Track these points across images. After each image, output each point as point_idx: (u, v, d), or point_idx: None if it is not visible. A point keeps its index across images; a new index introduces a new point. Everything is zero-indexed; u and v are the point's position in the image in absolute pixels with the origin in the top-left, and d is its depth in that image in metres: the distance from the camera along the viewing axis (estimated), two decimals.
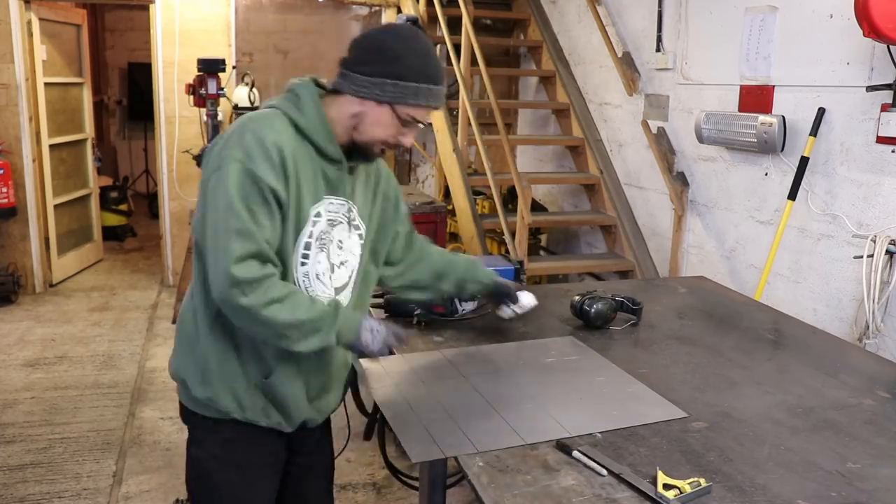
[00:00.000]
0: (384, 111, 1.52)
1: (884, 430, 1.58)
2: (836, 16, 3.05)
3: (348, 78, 1.53)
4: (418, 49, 1.53)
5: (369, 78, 1.50)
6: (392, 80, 1.50)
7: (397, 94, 1.50)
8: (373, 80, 1.50)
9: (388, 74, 1.49)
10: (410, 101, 1.52)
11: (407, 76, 1.50)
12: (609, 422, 1.57)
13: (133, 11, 7.96)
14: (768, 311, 2.48)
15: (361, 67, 1.51)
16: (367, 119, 1.53)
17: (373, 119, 1.53)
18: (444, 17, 5.09)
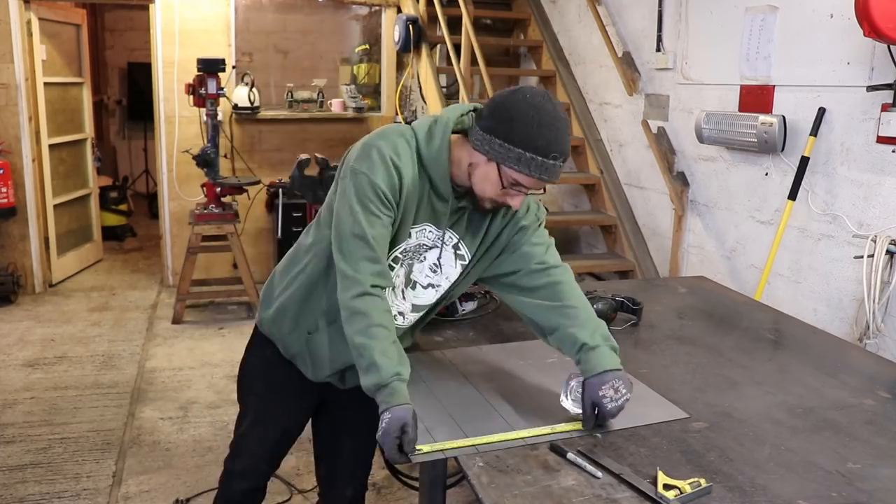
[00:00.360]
0: (491, 168, 1.57)
1: (884, 431, 1.58)
2: (837, 15, 3.05)
3: (473, 129, 1.60)
4: (535, 117, 1.53)
5: (484, 133, 1.56)
6: (499, 140, 1.54)
7: (502, 155, 1.54)
8: (486, 137, 1.56)
9: (498, 134, 1.54)
10: (513, 166, 1.54)
11: (513, 140, 1.53)
12: (609, 422, 1.56)
13: (133, 11, 7.96)
14: (768, 311, 2.48)
15: (482, 122, 1.58)
16: (477, 171, 1.60)
17: (482, 173, 1.59)
18: (444, 16, 5.09)
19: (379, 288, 1.58)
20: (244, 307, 5.22)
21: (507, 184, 1.57)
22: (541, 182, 1.57)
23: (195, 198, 5.40)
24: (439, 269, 1.72)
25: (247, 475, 2.02)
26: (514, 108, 1.53)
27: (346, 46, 6.56)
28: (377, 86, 6.25)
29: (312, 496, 2.87)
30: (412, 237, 1.67)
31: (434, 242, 1.69)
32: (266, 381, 1.94)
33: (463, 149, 1.62)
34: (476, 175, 1.60)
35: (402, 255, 1.68)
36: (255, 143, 5.80)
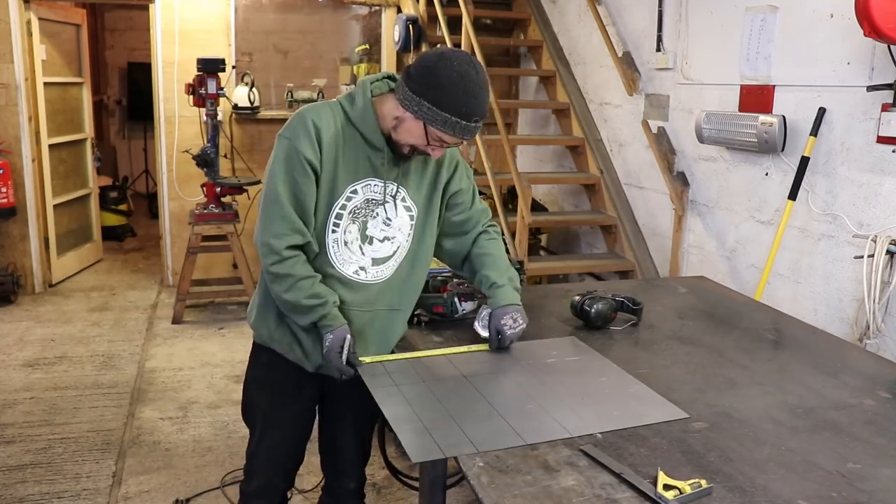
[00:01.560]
0: (418, 125, 1.74)
1: (884, 431, 1.58)
2: (837, 15, 3.05)
3: (400, 86, 1.74)
4: (462, 85, 1.69)
5: (412, 94, 1.71)
6: (428, 104, 1.69)
7: (430, 117, 1.71)
8: (415, 98, 1.70)
9: (427, 97, 1.69)
10: (440, 127, 1.71)
11: (442, 105, 1.69)
12: (610, 422, 1.56)
13: (133, 11, 7.96)
14: (768, 311, 2.47)
15: (410, 82, 1.71)
16: (403, 125, 1.76)
17: (407, 127, 1.76)
18: (444, 16, 5.09)
19: (295, 248, 1.78)
20: (244, 307, 5.22)
21: (432, 140, 1.75)
22: (461, 140, 1.78)
23: (195, 198, 5.40)
24: (391, 221, 1.87)
25: (263, 493, 2.05)
26: (444, 75, 1.68)
27: (346, 46, 6.56)
28: None
29: (312, 496, 2.87)
30: (359, 193, 1.82)
31: (380, 195, 1.84)
32: (268, 387, 2.00)
33: (388, 104, 1.79)
34: (402, 128, 1.76)
35: (355, 212, 1.83)
36: (255, 143, 5.80)
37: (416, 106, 1.70)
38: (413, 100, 1.70)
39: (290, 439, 2.04)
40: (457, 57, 1.71)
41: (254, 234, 1.83)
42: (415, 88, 1.70)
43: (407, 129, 1.76)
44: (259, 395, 2.02)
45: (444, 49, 1.79)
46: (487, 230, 2.04)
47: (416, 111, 1.71)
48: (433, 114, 1.70)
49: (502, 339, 1.89)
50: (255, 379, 2.03)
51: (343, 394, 2.01)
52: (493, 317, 1.91)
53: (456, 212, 1.99)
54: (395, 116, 1.76)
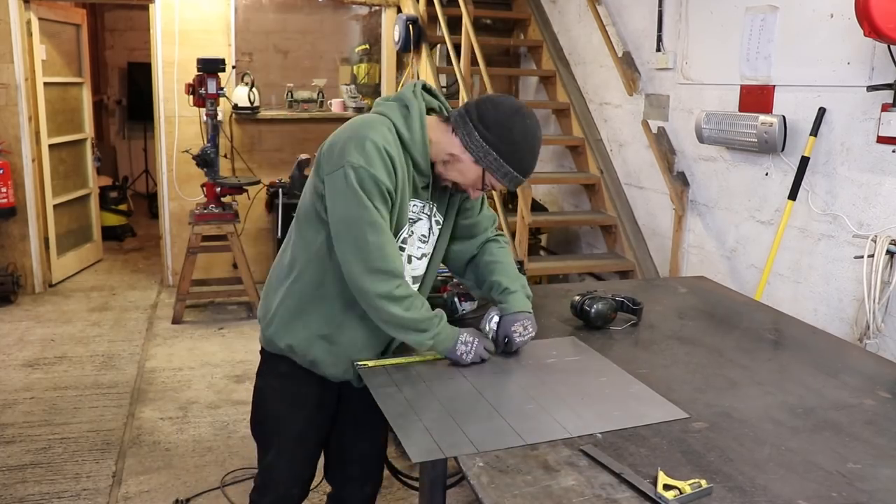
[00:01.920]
0: (475, 169, 1.75)
1: (884, 431, 1.58)
2: (837, 15, 3.05)
3: (467, 128, 1.73)
4: (531, 147, 1.75)
5: (483, 143, 1.71)
6: (495, 156, 1.71)
7: (494, 167, 1.73)
8: (484, 146, 1.71)
9: (499, 151, 1.71)
10: (499, 178, 1.75)
11: (510, 162, 1.72)
12: (610, 422, 1.56)
13: (133, 11, 7.96)
14: (768, 311, 2.47)
15: (483, 130, 1.71)
16: (458, 165, 1.76)
17: (462, 168, 1.76)
18: (444, 16, 5.09)
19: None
20: (244, 307, 5.22)
21: (486, 185, 1.77)
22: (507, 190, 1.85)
23: (195, 198, 5.40)
24: (426, 238, 1.89)
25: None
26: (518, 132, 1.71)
27: (346, 46, 6.56)
28: (377, 86, 6.25)
29: (312, 496, 2.87)
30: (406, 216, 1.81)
31: (418, 215, 1.84)
32: (289, 399, 1.93)
33: (443, 135, 1.76)
34: (455, 167, 1.76)
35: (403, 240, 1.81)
36: (255, 143, 5.80)
37: (482, 153, 1.71)
38: (481, 148, 1.71)
39: (313, 451, 2.01)
40: (529, 115, 1.74)
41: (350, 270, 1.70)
42: (487, 138, 1.70)
43: (460, 170, 1.76)
44: (278, 406, 1.94)
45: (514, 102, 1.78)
46: (497, 239, 2.04)
47: (481, 158, 1.72)
48: (498, 165, 1.72)
49: (509, 344, 1.87)
50: (273, 389, 1.95)
51: (360, 400, 1.92)
52: (504, 322, 1.88)
53: (466, 216, 1.99)
54: (452, 154, 1.75)
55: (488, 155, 1.71)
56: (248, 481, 3.01)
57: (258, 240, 5.85)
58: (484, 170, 1.73)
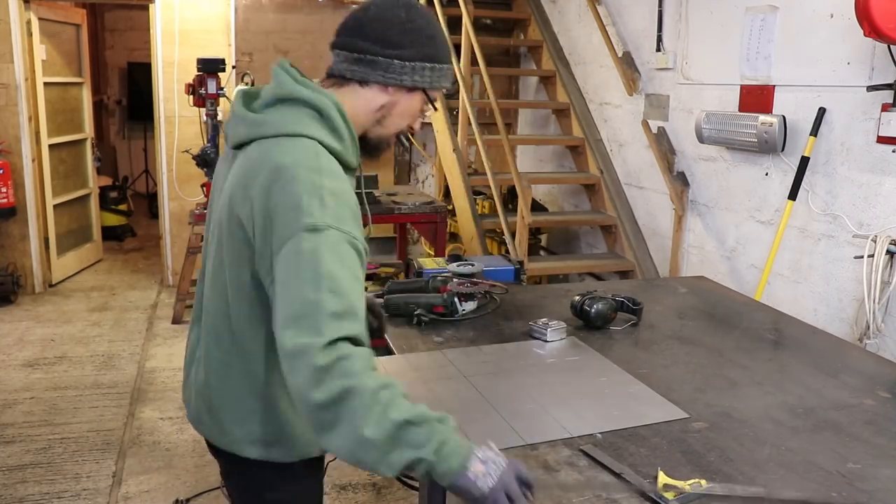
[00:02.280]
0: (416, 98, 1.39)
1: (884, 431, 1.58)
2: (837, 15, 3.05)
3: (377, 64, 1.34)
4: (440, 26, 1.40)
5: (409, 63, 1.34)
6: (430, 64, 1.36)
7: (434, 79, 1.38)
8: (413, 66, 1.34)
9: (427, 57, 1.35)
10: (443, 84, 1.40)
11: (442, 58, 1.38)
12: (610, 422, 1.56)
13: (133, 11, 7.96)
14: (768, 311, 2.47)
15: (395, 51, 1.33)
16: (395, 109, 1.39)
17: (403, 108, 1.39)
18: (444, 16, 5.09)
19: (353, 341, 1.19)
20: None
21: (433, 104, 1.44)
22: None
23: (195, 198, 5.40)
24: None
25: None
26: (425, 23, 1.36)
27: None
28: None
29: None
30: None
31: None
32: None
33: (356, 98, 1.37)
34: (392, 115, 1.39)
35: None
36: None
37: (418, 75, 1.35)
38: (413, 69, 1.34)
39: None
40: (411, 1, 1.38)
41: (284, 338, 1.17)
42: (409, 55, 1.33)
43: (400, 113, 1.40)
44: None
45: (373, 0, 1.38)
46: None
47: (419, 81, 1.36)
48: (437, 73, 1.37)
49: None
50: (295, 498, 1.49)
51: None
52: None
53: None
54: (381, 105, 1.38)
55: (422, 71, 1.35)
56: None
57: None
58: (425, 90, 1.39)
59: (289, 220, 1.21)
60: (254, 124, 1.33)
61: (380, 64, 1.34)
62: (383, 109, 1.39)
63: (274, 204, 1.23)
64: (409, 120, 1.43)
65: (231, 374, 1.39)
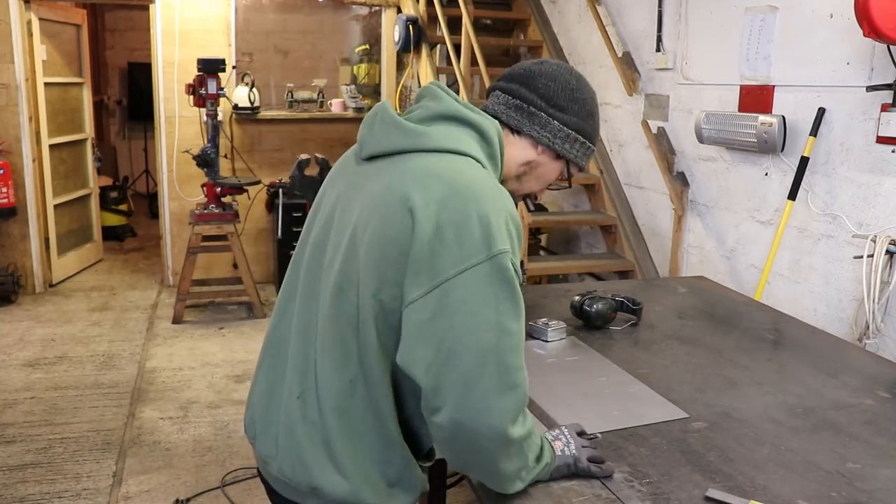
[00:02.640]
0: (558, 166, 1.34)
1: (884, 431, 1.58)
2: (837, 16, 3.05)
3: (536, 119, 1.29)
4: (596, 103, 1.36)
5: (565, 128, 1.30)
6: (583, 139, 1.33)
7: (580, 154, 1.34)
8: (568, 133, 1.30)
9: (582, 131, 1.32)
10: (583, 163, 1.36)
11: (593, 137, 1.35)
12: (609, 422, 1.57)
13: (133, 11, 7.97)
14: (768, 311, 2.48)
15: (559, 114, 1.30)
16: (538, 170, 1.34)
17: (543, 171, 1.34)
18: (444, 17, 5.09)
19: None
20: (244, 307, 5.23)
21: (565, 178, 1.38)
22: None
23: (195, 198, 5.40)
24: None
25: None
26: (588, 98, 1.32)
27: (346, 46, 6.56)
28: (377, 86, 6.26)
29: None
30: None
31: None
32: None
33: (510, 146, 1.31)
34: (533, 174, 1.34)
35: None
36: (255, 143, 5.80)
37: (569, 144, 1.31)
38: (567, 137, 1.30)
39: None
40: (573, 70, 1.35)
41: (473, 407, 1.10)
42: (568, 122, 1.30)
43: (539, 175, 1.34)
44: None
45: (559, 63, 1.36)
46: None
47: (568, 150, 1.31)
48: (585, 150, 1.34)
49: None
50: None
51: None
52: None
53: None
54: (527, 162, 1.32)
55: (574, 142, 1.31)
56: (248, 481, 3.01)
57: (258, 240, 5.86)
58: (569, 162, 1.34)
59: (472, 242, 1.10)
60: (414, 134, 1.21)
61: (539, 119, 1.30)
62: (527, 166, 1.33)
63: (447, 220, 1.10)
64: (541, 185, 1.38)
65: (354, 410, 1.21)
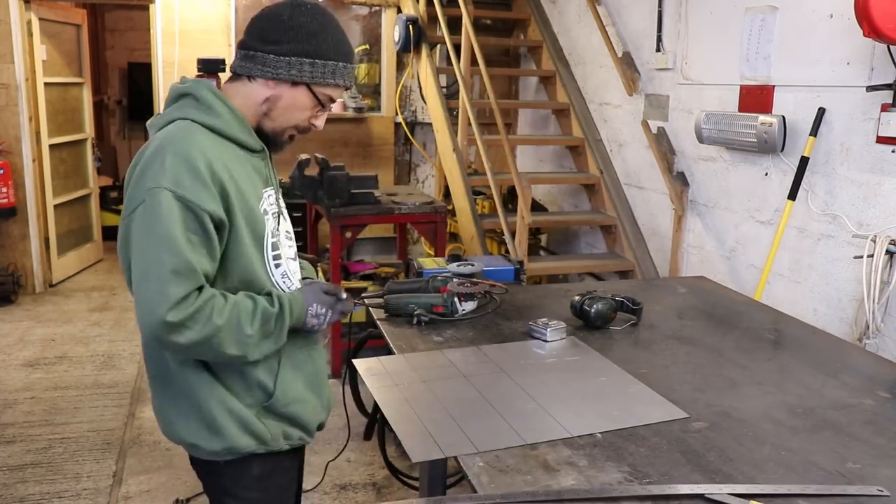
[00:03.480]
0: (300, 93, 1.46)
1: (884, 431, 1.58)
2: (836, 16, 3.05)
3: (257, 59, 1.44)
4: (332, 25, 1.47)
5: (284, 58, 1.42)
6: (310, 59, 1.43)
7: (316, 74, 1.44)
8: (289, 60, 1.42)
9: (305, 53, 1.43)
10: (329, 81, 1.46)
11: (325, 54, 1.44)
12: (609, 422, 1.57)
13: (133, 11, 7.96)
14: (768, 311, 2.48)
15: (273, 47, 1.42)
16: (280, 103, 1.47)
17: (287, 102, 1.47)
18: (444, 17, 5.09)
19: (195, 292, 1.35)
20: None
21: (324, 101, 1.49)
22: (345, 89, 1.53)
23: None
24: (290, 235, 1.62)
25: None
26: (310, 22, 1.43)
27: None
28: (377, 86, 6.26)
29: (313, 496, 2.87)
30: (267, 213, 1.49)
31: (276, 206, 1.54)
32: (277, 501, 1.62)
33: (244, 92, 1.47)
34: (279, 108, 1.47)
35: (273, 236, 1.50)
36: None
37: (295, 70, 1.42)
38: (289, 64, 1.42)
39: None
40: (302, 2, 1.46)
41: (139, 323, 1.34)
42: (285, 50, 1.41)
43: (286, 106, 1.47)
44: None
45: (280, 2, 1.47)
46: None
47: (297, 75, 1.43)
48: (318, 68, 1.44)
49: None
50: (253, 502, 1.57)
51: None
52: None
53: None
54: (266, 98, 1.46)
55: (303, 66, 1.42)
56: None
57: None
58: (308, 85, 1.45)
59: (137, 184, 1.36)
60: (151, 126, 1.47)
61: (258, 59, 1.44)
62: (268, 102, 1.47)
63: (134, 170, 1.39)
64: (298, 113, 1.49)
65: None
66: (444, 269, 2.42)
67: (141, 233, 1.33)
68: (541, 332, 2.03)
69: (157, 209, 1.31)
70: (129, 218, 1.36)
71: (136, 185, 1.36)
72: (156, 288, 1.30)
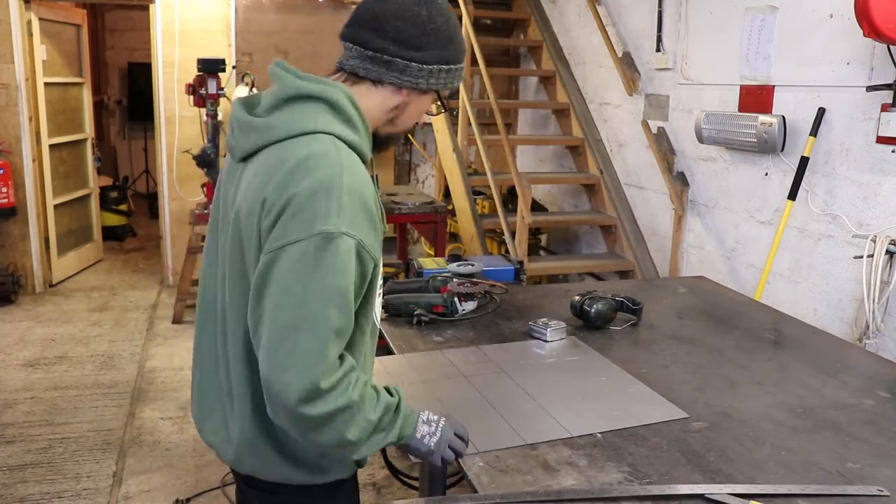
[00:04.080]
0: (428, 98, 1.34)
1: (884, 430, 1.58)
2: (837, 16, 3.05)
3: (393, 66, 1.25)
4: (457, 23, 1.32)
5: (427, 66, 1.26)
6: (447, 66, 1.29)
7: (448, 79, 1.31)
8: (430, 69, 1.27)
9: (445, 60, 1.28)
10: (455, 84, 1.34)
11: (459, 58, 1.31)
12: (609, 422, 1.57)
13: (133, 11, 7.96)
14: (768, 311, 2.48)
15: (416, 54, 1.25)
16: (408, 109, 1.33)
17: (415, 108, 1.33)
18: None
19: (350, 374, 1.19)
20: None
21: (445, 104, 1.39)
22: None
23: (195, 198, 5.40)
24: None
25: None
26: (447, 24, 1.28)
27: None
28: None
29: None
30: None
31: None
32: None
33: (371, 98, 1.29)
34: (405, 115, 1.33)
35: None
36: None
37: (434, 78, 1.28)
38: (430, 73, 1.27)
39: None
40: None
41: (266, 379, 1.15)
42: (430, 58, 1.26)
43: (412, 113, 1.34)
44: None
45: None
46: None
47: (435, 83, 1.29)
48: (452, 74, 1.31)
49: None
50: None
51: None
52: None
53: None
54: (395, 106, 1.30)
55: (439, 73, 1.28)
56: None
57: None
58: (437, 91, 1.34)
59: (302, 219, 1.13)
60: (263, 129, 1.23)
61: (395, 65, 1.26)
62: (396, 110, 1.32)
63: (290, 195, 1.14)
64: (418, 118, 1.38)
65: None
66: (444, 269, 2.42)
67: (301, 278, 1.12)
68: (541, 332, 2.03)
69: (332, 257, 1.12)
70: (276, 253, 1.13)
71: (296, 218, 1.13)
72: (315, 348, 1.11)
